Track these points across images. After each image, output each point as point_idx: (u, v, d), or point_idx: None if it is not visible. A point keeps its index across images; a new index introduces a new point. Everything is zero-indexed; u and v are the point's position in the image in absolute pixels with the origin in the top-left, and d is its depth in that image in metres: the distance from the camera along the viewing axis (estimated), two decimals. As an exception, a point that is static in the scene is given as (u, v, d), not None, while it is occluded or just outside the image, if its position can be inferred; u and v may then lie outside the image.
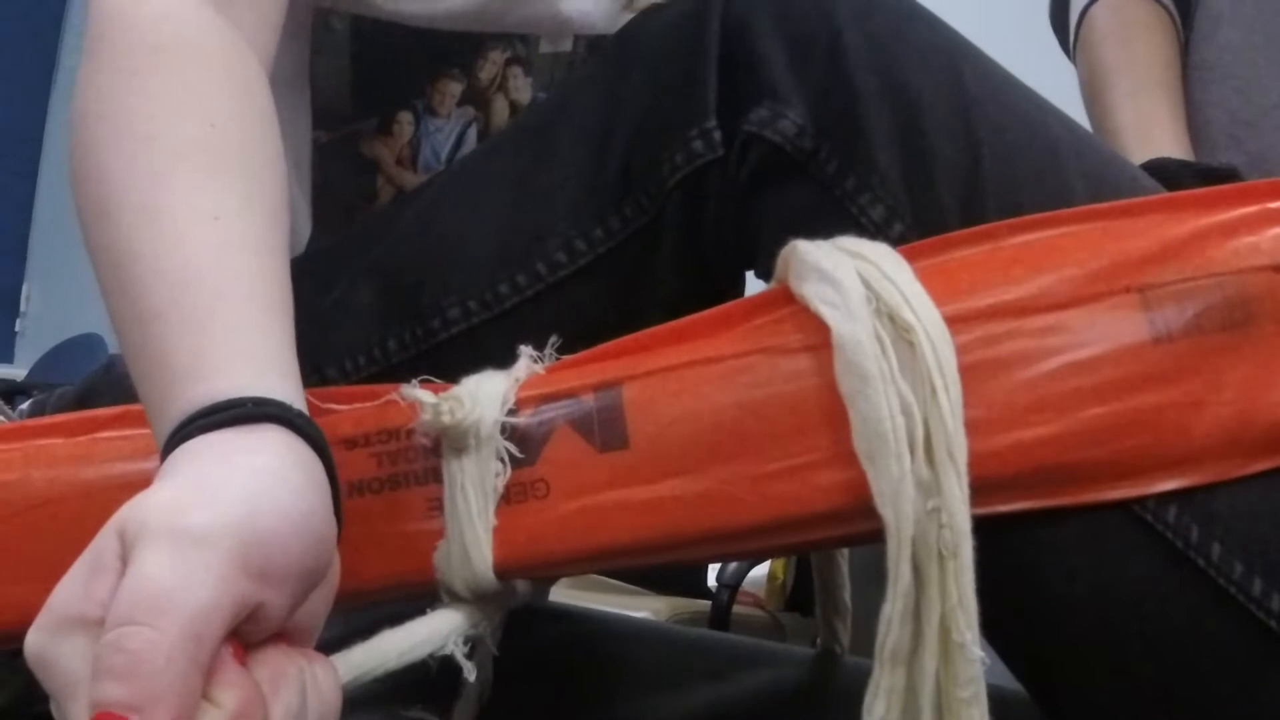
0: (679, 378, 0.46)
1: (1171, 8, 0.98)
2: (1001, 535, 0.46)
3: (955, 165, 0.51)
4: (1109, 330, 0.47)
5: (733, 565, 1.44)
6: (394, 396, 0.46)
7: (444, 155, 0.77)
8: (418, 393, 0.45)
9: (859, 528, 0.46)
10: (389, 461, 0.47)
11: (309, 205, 0.77)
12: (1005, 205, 0.50)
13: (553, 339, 0.50)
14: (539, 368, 0.48)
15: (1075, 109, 1.01)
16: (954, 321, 0.46)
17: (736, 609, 1.45)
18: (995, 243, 0.49)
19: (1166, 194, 0.52)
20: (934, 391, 0.43)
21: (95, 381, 0.64)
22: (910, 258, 0.48)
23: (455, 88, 0.76)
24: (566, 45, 0.77)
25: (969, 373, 0.45)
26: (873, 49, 0.52)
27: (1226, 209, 0.50)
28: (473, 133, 0.78)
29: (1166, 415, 0.47)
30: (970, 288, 0.47)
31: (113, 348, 0.88)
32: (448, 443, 0.46)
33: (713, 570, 1.51)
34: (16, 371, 3.85)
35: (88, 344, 2.20)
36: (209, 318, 0.42)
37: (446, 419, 0.45)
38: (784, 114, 0.52)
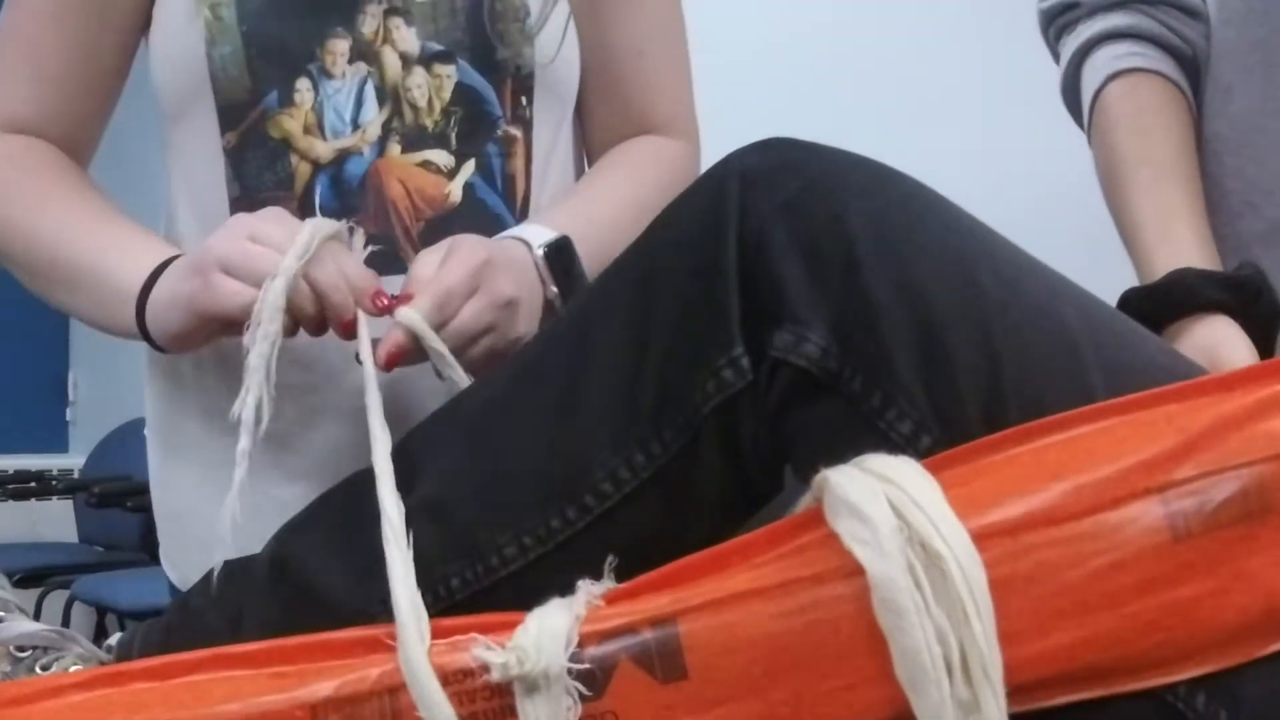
0: (730, 609, 0.50)
1: (1183, 84, 0.99)
2: None
3: (976, 372, 0.53)
4: (1132, 534, 0.49)
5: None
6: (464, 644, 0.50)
7: (348, 117, 0.81)
8: (484, 655, 0.49)
9: (904, 735, 0.49)
10: (467, 700, 0.51)
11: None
12: (1027, 407, 0.52)
13: (610, 559, 0.53)
14: (598, 600, 0.52)
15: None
16: (984, 537, 0.49)
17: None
18: (1019, 446, 0.52)
19: (1182, 382, 0.54)
20: (967, 616, 0.47)
21: (173, 620, 0.67)
22: (938, 469, 0.51)
23: (343, 45, 0.81)
24: None
25: (1002, 585, 0.48)
26: (886, 257, 0.54)
27: (1241, 392, 0.53)
28: (370, 90, 0.81)
29: (1191, 608, 0.49)
30: (998, 499, 0.50)
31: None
32: (520, 686, 0.49)
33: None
34: (74, 460, 3.95)
35: (138, 429, 2.27)
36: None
37: (515, 671, 0.48)
38: (806, 337, 0.54)
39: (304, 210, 0.81)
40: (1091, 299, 0.58)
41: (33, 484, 3.75)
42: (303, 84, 0.81)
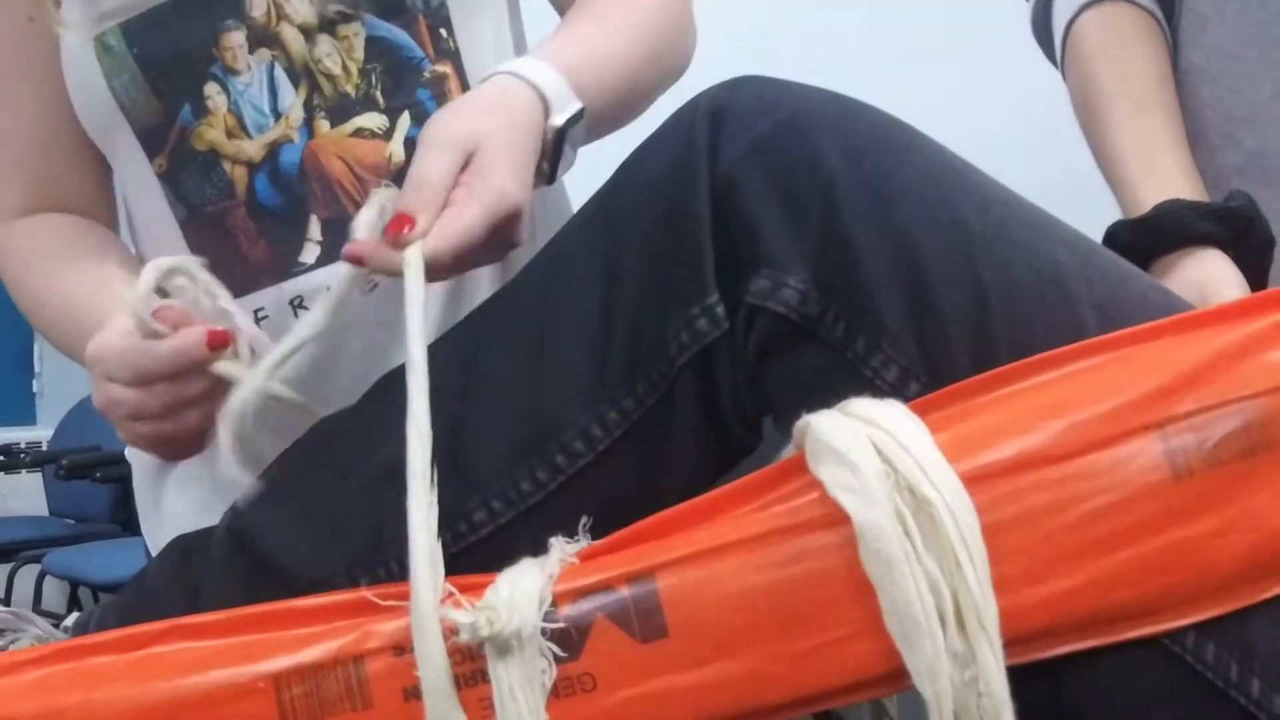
0: (710, 563, 0.47)
1: (1158, 14, 0.97)
2: (1043, 682, 0.47)
3: (964, 315, 0.50)
4: (1130, 473, 0.47)
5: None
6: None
7: (267, 108, 0.77)
8: (452, 614, 0.46)
9: (896, 688, 0.47)
10: (437, 665, 0.48)
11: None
12: (1017, 349, 0.50)
13: (584, 520, 0.51)
14: (572, 558, 0.49)
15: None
16: (975, 481, 0.47)
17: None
18: (1010, 386, 0.50)
19: (1178, 315, 0.52)
20: (959, 564, 0.44)
21: (130, 600, 0.64)
22: (925, 411, 0.49)
23: (238, 37, 0.77)
24: None
25: (995, 530, 0.46)
26: (868, 197, 0.52)
27: (1240, 324, 0.51)
28: (281, 74, 0.77)
29: (1191, 550, 0.47)
30: (989, 440, 0.48)
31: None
32: (491, 648, 0.47)
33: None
34: (42, 432, 3.91)
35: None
36: None
37: (485, 632, 0.46)
38: (785, 282, 0.51)
39: (252, 213, 0.78)
40: (1081, 237, 0.56)
41: (1, 457, 3.70)
42: (211, 89, 0.77)
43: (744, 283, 0.52)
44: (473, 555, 0.55)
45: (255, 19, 0.76)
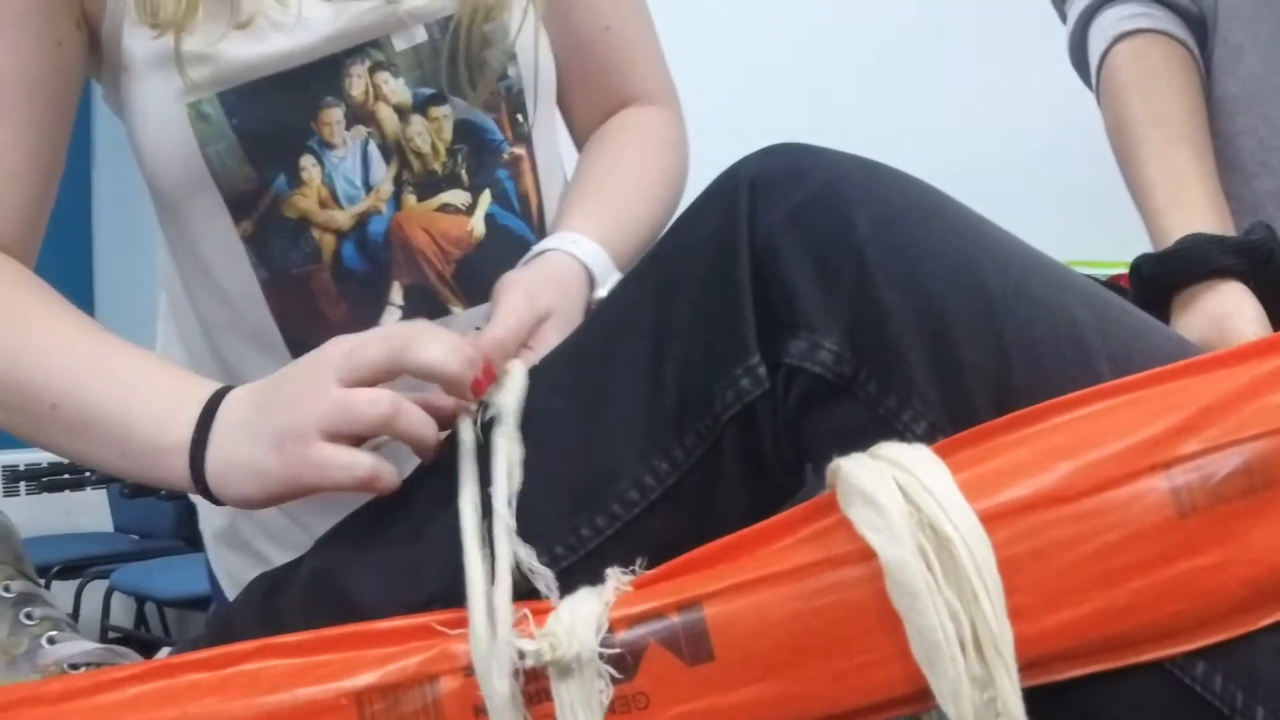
0: (752, 593, 0.52)
1: (1191, 44, 1.00)
2: (1058, 703, 0.51)
3: (986, 371, 0.54)
4: (1138, 511, 0.51)
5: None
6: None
7: (359, 181, 0.81)
8: (519, 642, 0.51)
9: (922, 707, 0.52)
10: (505, 684, 0.53)
11: (272, 327, 0.82)
12: (1036, 402, 0.54)
13: (639, 560, 0.56)
14: (626, 587, 0.54)
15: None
16: (992, 518, 0.51)
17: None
18: (1027, 428, 0.54)
19: (1186, 360, 0.56)
20: (976, 595, 0.49)
21: (213, 640, 0.65)
22: (948, 452, 0.53)
23: (336, 114, 0.80)
24: (421, 36, 0.81)
25: (1011, 564, 0.50)
26: (895, 262, 0.56)
27: (1245, 368, 0.55)
28: (374, 150, 0.81)
29: (1197, 580, 0.51)
30: (1006, 480, 0.52)
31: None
32: (554, 671, 0.52)
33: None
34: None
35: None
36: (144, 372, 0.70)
37: (548, 656, 0.51)
38: (820, 344, 0.56)
39: (336, 278, 0.81)
40: (1098, 290, 0.59)
41: (66, 475, 3.79)
42: (307, 161, 0.80)
43: (783, 343, 0.57)
44: (536, 595, 0.59)
45: (354, 97, 0.79)
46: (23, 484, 3.95)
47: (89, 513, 3.86)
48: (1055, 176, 2.06)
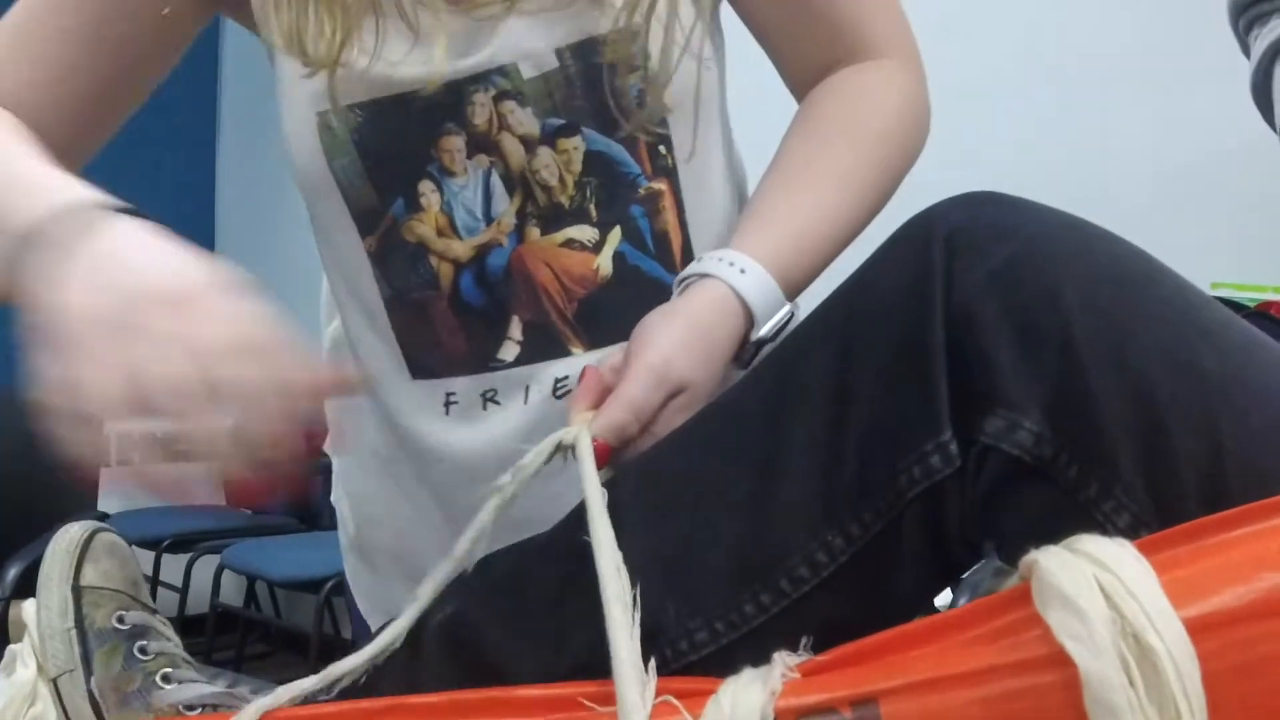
0: (934, 693, 0.48)
1: None
2: None
3: (1199, 465, 0.50)
4: (1359, 628, 0.47)
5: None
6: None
7: (479, 212, 0.78)
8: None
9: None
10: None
11: (394, 344, 0.81)
12: (1251, 499, 0.49)
13: (805, 640, 0.53)
14: (794, 673, 0.51)
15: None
16: (1198, 629, 0.47)
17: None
18: (1240, 529, 0.50)
19: None
20: (1179, 714, 0.45)
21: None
22: (1151, 550, 0.49)
23: (457, 141, 0.77)
24: (551, 63, 0.76)
25: (1215, 680, 0.46)
26: (1105, 336, 0.51)
27: None
28: (497, 181, 0.77)
29: None
30: (1215, 586, 0.48)
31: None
32: (717, 760, 0.49)
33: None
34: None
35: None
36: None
37: (712, 744, 0.48)
38: (1020, 424, 0.52)
39: (454, 307, 0.79)
40: None
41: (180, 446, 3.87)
42: (426, 187, 0.78)
43: (978, 419, 0.53)
44: (692, 671, 0.56)
45: (476, 126, 0.77)
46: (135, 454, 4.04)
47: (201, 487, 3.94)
48: (1199, 194, 2.00)
